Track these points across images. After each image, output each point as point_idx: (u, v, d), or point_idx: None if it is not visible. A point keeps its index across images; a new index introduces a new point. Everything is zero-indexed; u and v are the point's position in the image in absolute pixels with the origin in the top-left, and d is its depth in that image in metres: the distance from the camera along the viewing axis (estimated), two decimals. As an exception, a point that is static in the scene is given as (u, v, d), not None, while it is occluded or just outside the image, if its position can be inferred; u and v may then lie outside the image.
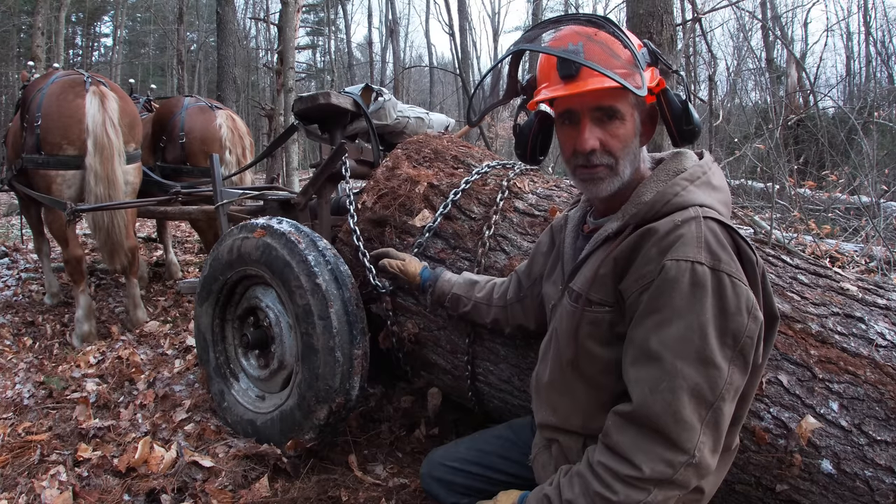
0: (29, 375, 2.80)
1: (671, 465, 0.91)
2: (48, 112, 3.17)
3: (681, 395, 0.91)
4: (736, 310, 0.93)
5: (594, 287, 1.05)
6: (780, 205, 5.41)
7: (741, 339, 0.93)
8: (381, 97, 2.83)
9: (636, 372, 0.97)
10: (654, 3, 3.49)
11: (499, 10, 54.83)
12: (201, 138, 4.05)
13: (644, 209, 1.03)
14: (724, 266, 0.93)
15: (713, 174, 1.07)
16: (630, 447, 0.94)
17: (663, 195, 1.02)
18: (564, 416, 1.14)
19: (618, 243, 1.03)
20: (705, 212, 0.98)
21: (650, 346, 0.95)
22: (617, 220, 1.07)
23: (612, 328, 1.05)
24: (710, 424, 0.92)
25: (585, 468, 1.00)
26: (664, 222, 0.99)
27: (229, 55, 9.13)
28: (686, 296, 0.92)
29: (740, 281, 0.94)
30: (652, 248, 0.97)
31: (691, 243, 0.94)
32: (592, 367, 1.08)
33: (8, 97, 20.33)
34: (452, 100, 24.44)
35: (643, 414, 0.94)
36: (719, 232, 0.96)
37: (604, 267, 1.04)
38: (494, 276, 1.79)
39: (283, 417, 1.90)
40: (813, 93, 9.13)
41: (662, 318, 0.94)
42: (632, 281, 1.00)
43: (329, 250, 1.88)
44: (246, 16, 21.86)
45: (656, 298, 0.95)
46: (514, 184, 1.97)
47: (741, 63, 14.73)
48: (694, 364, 0.92)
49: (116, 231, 3.25)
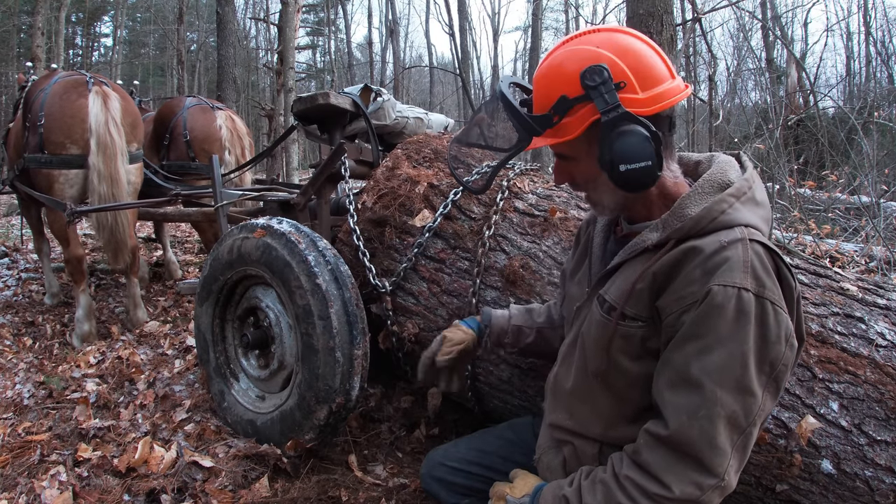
0: (29, 375, 2.80)
1: (700, 487, 0.92)
2: (51, 112, 3.19)
3: (718, 423, 0.91)
4: (776, 338, 0.92)
5: (631, 301, 1.02)
6: (780, 205, 5.42)
7: (777, 367, 0.93)
8: (381, 97, 2.83)
9: (673, 396, 0.95)
10: (654, 3, 3.49)
11: (499, 10, 54.75)
12: (201, 138, 4.11)
13: (689, 224, 0.98)
14: (768, 293, 0.92)
15: (757, 189, 1.03)
16: (661, 468, 0.94)
17: (710, 212, 0.98)
18: (582, 423, 1.13)
19: (658, 257, 0.99)
20: (751, 233, 0.95)
21: (690, 372, 0.93)
22: (656, 230, 1.02)
23: (643, 343, 1.03)
24: (739, 448, 0.93)
25: (611, 479, 0.99)
26: (709, 241, 0.95)
27: (229, 55, 9.12)
28: (731, 323, 0.91)
29: (782, 309, 0.93)
30: (696, 269, 0.94)
31: (738, 268, 0.91)
32: (620, 381, 1.07)
33: (8, 97, 20.32)
34: (452, 100, 24.44)
35: (679, 440, 0.93)
36: (764, 256, 0.94)
37: (641, 281, 1.00)
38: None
39: (284, 417, 1.90)
40: (813, 93, 9.13)
41: (705, 344, 0.92)
42: (672, 300, 0.96)
43: (329, 250, 1.88)
44: (246, 16, 21.85)
45: (699, 324, 0.93)
46: (514, 184, 1.97)
47: (741, 63, 14.74)
48: (733, 393, 0.91)
49: (120, 230, 3.26)
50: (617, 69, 0.97)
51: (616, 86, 0.96)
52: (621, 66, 0.97)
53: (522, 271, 1.75)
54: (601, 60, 0.97)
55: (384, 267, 2.01)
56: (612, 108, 0.95)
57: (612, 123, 0.95)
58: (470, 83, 18.67)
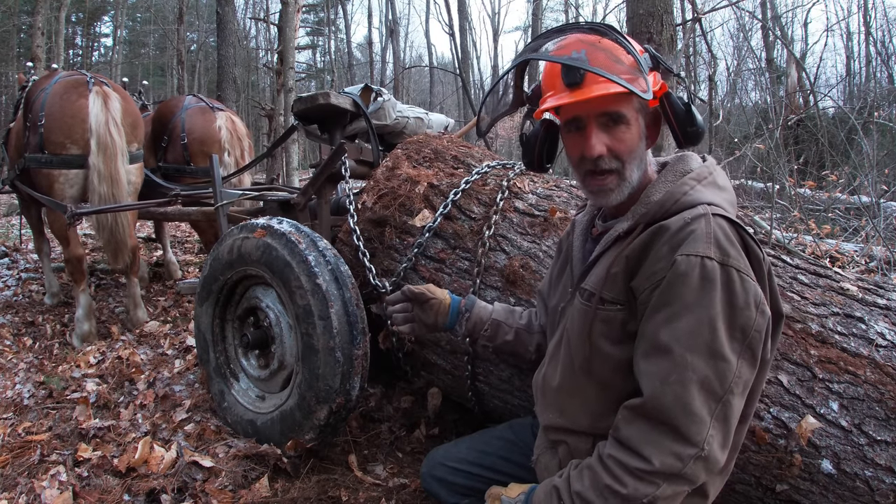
0: (29, 375, 2.80)
1: (680, 458, 0.92)
2: (51, 112, 3.19)
3: (690, 387, 0.92)
4: (744, 304, 0.94)
5: (607, 285, 1.06)
6: (780, 205, 5.41)
7: (749, 333, 0.95)
8: (381, 97, 2.83)
9: (647, 365, 0.98)
10: (654, 4, 3.49)
11: (499, 10, 54.83)
12: (200, 139, 4.08)
13: (654, 208, 1.05)
14: (732, 261, 0.95)
15: (718, 175, 1.10)
16: (640, 440, 0.95)
17: (672, 194, 1.05)
18: (572, 417, 1.15)
19: (629, 242, 1.05)
20: (714, 209, 1.01)
21: (660, 339, 0.96)
22: (627, 220, 1.09)
23: (623, 327, 1.06)
24: (719, 418, 0.93)
25: (595, 461, 1.01)
26: (674, 220, 1.01)
27: (229, 55, 9.13)
28: (696, 290, 0.94)
29: (748, 276, 0.96)
30: (663, 245, 0.99)
31: (701, 239, 0.96)
32: (604, 367, 1.09)
33: (8, 97, 20.33)
34: (452, 100, 24.43)
35: (653, 406, 0.95)
36: (728, 228, 0.98)
37: (616, 265, 1.05)
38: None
39: (284, 417, 1.90)
40: (813, 93, 9.13)
41: (672, 311, 0.96)
42: (644, 278, 1.01)
43: (329, 250, 1.88)
44: (246, 16, 21.86)
45: (667, 292, 0.97)
46: (514, 184, 1.97)
47: (741, 63, 14.74)
48: (703, 357, 0.93)
49: (120, 230, 3.26)
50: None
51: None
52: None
53: (522, 271, 1.75)
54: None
55: (384, 267, 2.01)
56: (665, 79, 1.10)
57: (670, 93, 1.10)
58: (470, 83, 18.67)
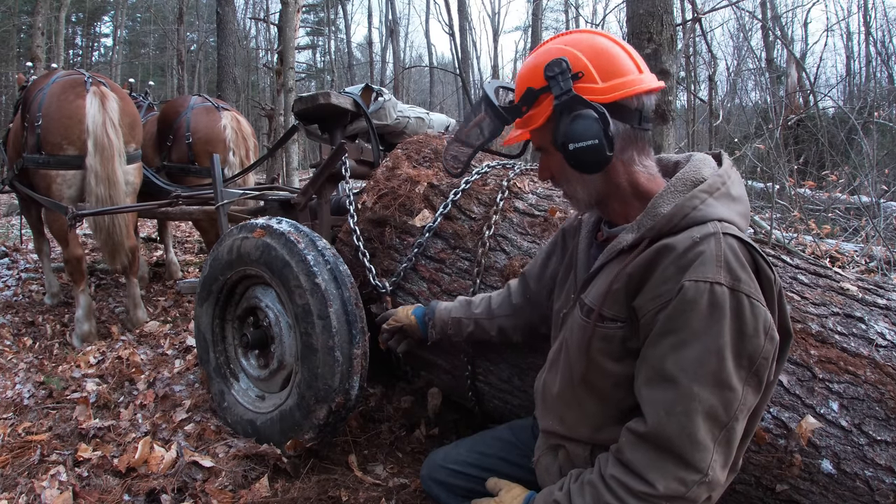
0: (29, 375, 2.80)
1: (684, 483, 0.92)
2: (49, 112, 3.18)
3: (695, 417, 0.91)
4: (753, 332, 0.91)
5: (607, 302, 1.02)
6: (780, 205, 5.41)
7: (757, 361, 0.92)
8: (381, 97, 2.83)
9: (650, 393, 0.96)
10: (654, 3, 3.48)
11: (499, 10, 54.76)
12: (205, 139, 4.05)
13: (661, 222, 0.99)
14: (743, 286, 0.91)
15: (733, 184, 1.04)
16: (644, 465, 0.94)
17: (681, 208, 0.98)
18: (572, 427, 1.14)
19: (633, 257, 1.00)
20: (724, 227, 0.95)
21: (666, 368, 0.93)
22: (632, 231, 1.03)
23: (623, 344, 1.03)
24: (722, 443, 0.93)
25: (598, 479, 1.00)
26: (682, 238, 0.95)
27: (229, 55, 9.13)
28: (704, 318, 0.90)
29: (759, 301, 0.92)
30: (670, 266, 0.94)
31: (711, 262, 0.91)
32: (603, 382, 1.07)
33: (8, 97, 20.32)
34: (452, 100, 24.44)
35: (657, 435, 0.93)
36: (738, 250, 0.93)
37: (617, 282, 1.01)
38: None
39: (283, 417, 1.90)
40: (813, 93, 9.13)
41: (679, 339, 0.92)
42: (647, 299, 0.97)
43: (328, 250, 1.88)
44: (246, 16, 21.85)
45: (673, 319, 0.93)
46: (514, 184, 1.97)
47: (741, 63, 14.74)
48: (709, 387, 0.91)
49: (117, 231, 3.25)
50: (577, 61, 1.03)
51: (574, 76, 1.02)
52: (582, 59, 1.03)
53: (522, 271, 1.74)
54: (563, 55, 1.04)
55: (384, 267, 2.01)
56: (565, 93, 1.01)
57: (565, 107, 1.01)
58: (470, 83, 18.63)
